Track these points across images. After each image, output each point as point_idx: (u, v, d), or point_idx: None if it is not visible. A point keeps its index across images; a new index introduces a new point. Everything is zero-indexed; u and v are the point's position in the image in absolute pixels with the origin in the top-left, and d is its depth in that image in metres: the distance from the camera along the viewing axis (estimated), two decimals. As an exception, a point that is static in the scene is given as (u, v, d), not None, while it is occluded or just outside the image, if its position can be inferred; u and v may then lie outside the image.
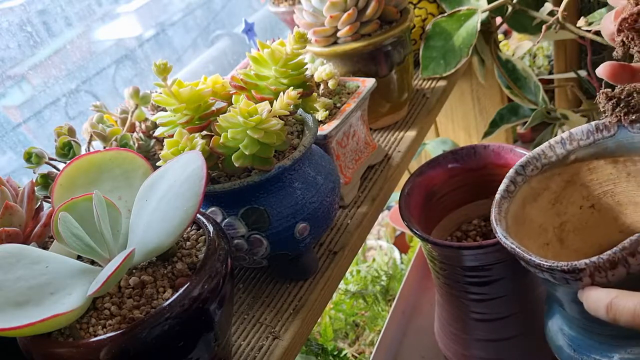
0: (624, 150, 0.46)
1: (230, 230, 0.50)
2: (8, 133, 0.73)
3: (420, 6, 0.88)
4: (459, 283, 0.69)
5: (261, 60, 0.53)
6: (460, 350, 0.76)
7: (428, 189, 0.74)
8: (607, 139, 0.46)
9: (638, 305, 0.35)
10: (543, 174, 0.48)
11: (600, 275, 0.37)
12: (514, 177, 0.47)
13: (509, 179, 0.47)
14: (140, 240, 0.39)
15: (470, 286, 0.68)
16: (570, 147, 0.48)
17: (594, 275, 0.37)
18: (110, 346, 0.34)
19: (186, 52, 1.01)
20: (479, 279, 0.67)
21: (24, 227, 0.45)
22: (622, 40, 0.38)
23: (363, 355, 1.00)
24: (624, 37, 0.37)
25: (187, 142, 0.47)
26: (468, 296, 0.69)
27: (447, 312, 0.75)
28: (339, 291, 1.09)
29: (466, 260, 0.65)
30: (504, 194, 0.46)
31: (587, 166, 0.49)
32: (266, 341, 0.50)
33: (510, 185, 0.47)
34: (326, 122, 0.62)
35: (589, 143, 0.47)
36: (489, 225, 0.76)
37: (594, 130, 0.47)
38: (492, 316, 0.70)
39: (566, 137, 0.48)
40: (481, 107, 1.13)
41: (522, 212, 0.48)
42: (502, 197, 0.46)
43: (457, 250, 0.65)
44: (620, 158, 0.47)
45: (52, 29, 0.78)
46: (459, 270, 0.67)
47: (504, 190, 0.46)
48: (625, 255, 0.35)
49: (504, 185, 0.47)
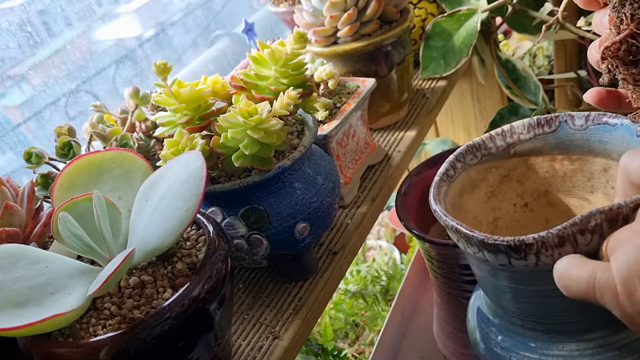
0: (563, 148, 0.46)
1: (230, 230, 0.50)
2: (8, 133, 0.73)
3: (420, 6, 0.88)
4: (456, 282, 0.69)
5: (261, 60, 0.53)
6: (459, 349, 0.76)
7: (425, 188, 0.74)
8: (547, 135, 0.46)
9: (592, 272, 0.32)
10: (482, 165, 0.48)
11: (546, 253, 0.35)
12: (454, 162, 0.46)
13: (449, 163, 0.46)
14: (140, 240, 0.39)
15: (467, 285, 0.68)
16: (510, 140, 0.47)
17: (540, 252, 0.35)
18: (110, 346, 0.34)
19: (186, 52, 1.01)
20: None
21: (24, 227, 0.45)
22: (607, 67, 0.39)
23: (363, 355, 1.00)
24: (608, 64, 0.38)
25: (187, 142, 0.47)
26: (465, 294, 0.69)
27: (446, 311, 0.75)
28: (339, 291, 1.09)
29: (462, 258, 0.65)
30: (443, 177, 0.45)
31: (525, 162, 0.48)
32: (266, 341, 0.50)
33: (450, 169, 0.46)
34: (326, 122, 0.62)
35: (529, 137, 0.47)
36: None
37: (535, 124, 0.46)
38: None
39: (507, 129, 0.47)
40: (481, 107, 1.13)
41: (459, 200, 0.47)
42: (442, 179, 0.45)
43: (453, 249, 0.65)
44: (558, 156, 0.47)
45: (52, 29, 0.78)
46: (456, 268, 0.67)
47: (442, 174, 0.46)
48: (575, 231, 0.34)
49: (444, 168, 0.46)
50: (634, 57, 0.37)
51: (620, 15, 0.36)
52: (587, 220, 0.34)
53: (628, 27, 0.36)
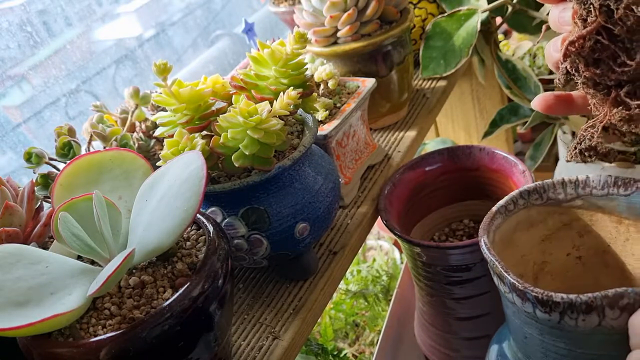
0: (633, 213, 0.45)
1: (230, 230, 0.50)
2: (8, 133, 0.73)
3: (420, 6, 0.88)
4: (440, 283, 0.67)
5: (261, 60, 0.53)
6: (443, 350, 0.75)
7: (409, 189, 0.73)
8: (621, 197, 0.45)
9: None
10: (545, 207, 0.47)
11: (571, 315, 0.35)
12: (517, 198, 0.46)
13: (511, 198, 0.46)
14: (140, 240, 0.39)
15: (450, 286, 0.67)
16: (582, 191, 0.46)
17: (565, 313, 0.35)
18: (110, 346, 0.34)
19: (186, 52, 1.01)
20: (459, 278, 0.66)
21: (24, 227, 0.45)
22: (566, 67, 0.36)
23: (363, 355, 1.00)
24: (570, 63, 0.35)
25: (187, 142, 0.47)
26: (448, 296, 0.68)
27: (428, 314, 0.74)
28: (339, 291, 1.09)
29: (446, 260, 0.64)
30: (501, 210, 0.45)
31: (590, 216, 0.47)
32: (266, 341, 0.50)
33: (511, 204, 0.46)
34: (326, 122, 0.62)
35: (601, 194, 0.46)
36: (478, 226, 0.75)
37: (611, 183, 0.45)
38: (474, 313, 0.70)
39: (582, 180, 0.46)
40: (481, 107, 1.13)
41: (511, 234, 0.46)
42: (499, 211, 0.45)
43: (438, 250, 0.64)
44: (626, 220, 0.46)
45: (52, 29, 0.78)
46: (440, 271, 0.66)
47: (502, 207, 0.45)
48: (605, 304, 0.34)
49: (504, 201, 0.46)
50: (598, 56, 0.34)
51: (587, 7, 0.33)
52: (620, 297, 0.33)
53: (596, 19, 0.33)
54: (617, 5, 0.32)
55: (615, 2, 0.32)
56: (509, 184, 0.70)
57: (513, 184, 0.69)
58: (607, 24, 0.33)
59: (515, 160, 0.68)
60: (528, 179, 0.65)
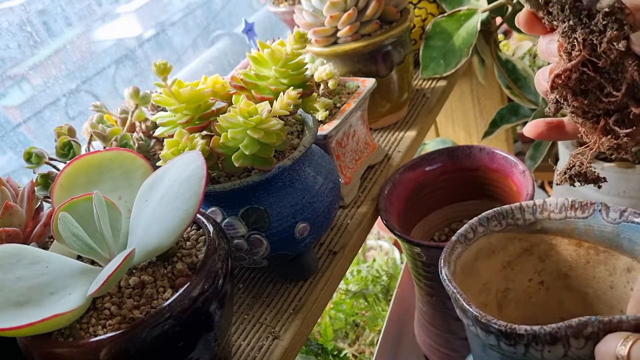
0: (592, 237, 0.45)
1: (230, 230, 0.50)
2: (8, 133, 0.73)
3: (420, 6, 0.88)
4: (440, 282, 0.67)
5: (261, 60, 0.53)
6: (443, 350, 0.75)
7: (408, 189, 0.73)
8: (579, 219, 0.45)
9: None
10: (505, 233, 0.47)
11: (536, 347, 0.34)
12: (476, 226, 0.46)
13: (470, 226, 0.45)
14: (140, 240, 0.39)
15: None
16: (540, 215, 0.46)
17: (530, 345, 0.34)
18: (110, 346, 0.34)
19: (186, 52, 1.01)
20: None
21: (24, 227, 0.45)
22: (555, 98, 0.36)
23: (363, 355, 1.00)
24: (557, 94, 0.36)
25: (187, 142, 0.47)
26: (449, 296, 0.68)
27: (428, 314, 0.74)
28: (339, 291, 1.09)
29: None
30: (461, 239, 0.44)
31: (550, 240, 0.47)
32: (266, 341, 0.50)
33: (470, 232, 0.45)
34: (326, 122, 0.62)
35: (560, 218, 0.45)
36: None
37: (569, 206, 0.45)
38: None
39: (539, 204, 0.46)
40: (481, 107, 1.13)
41: (472, 263, 0.46)
42: (458, 240, 0.44)
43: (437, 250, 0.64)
44: (585, 243, 0.45)
45: (52, 29, 0.78)
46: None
47: (461, 235, 0.45)
48: (569, 334, 0.33)
49: (464, 230, 0.45)
50: (585, 87, 0.35)
51: (572, 41, 0.33)
52: (584, 326, 0.33)
53: (580, 52, 0.33)
54: (600, 39, 0.32)
55: (599, 37, 0.32)
56: (509, 183, 0.70)
57: (513, 183, 0.69)
58: (592, 57, 0.33)
59: (515, 160, 0.68)
60: (528, 179, 0.65)
